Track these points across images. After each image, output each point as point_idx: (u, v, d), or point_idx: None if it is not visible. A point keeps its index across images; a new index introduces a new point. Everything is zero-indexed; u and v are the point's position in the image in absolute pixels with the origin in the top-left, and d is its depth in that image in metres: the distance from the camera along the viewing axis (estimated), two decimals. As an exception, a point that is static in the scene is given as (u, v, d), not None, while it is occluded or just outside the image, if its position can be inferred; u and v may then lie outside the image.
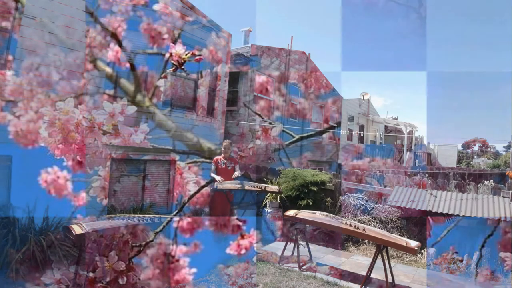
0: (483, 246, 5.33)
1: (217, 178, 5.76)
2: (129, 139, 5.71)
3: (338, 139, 14.39)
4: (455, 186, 6.44)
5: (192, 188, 6.70)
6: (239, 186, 5.77)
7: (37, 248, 4.14)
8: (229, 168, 6.08)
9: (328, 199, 7.28)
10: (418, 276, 5.16)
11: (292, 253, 5.46)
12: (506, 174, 13.16)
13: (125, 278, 3.05)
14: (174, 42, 6.34)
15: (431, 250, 5.69)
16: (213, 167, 6.08)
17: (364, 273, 4.78)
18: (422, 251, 5.79)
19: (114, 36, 5.63)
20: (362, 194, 7.02)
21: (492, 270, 5.12)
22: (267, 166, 8.71)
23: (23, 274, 3.91)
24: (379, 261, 4.47)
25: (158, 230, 3.37)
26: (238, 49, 9.48)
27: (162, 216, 4.14)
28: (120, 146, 5.68)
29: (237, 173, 5.99)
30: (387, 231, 5.69)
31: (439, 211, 5.69)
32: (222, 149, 6.19)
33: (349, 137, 15.71)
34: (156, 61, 6.29)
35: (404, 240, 4.52)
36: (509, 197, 5.70)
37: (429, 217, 5.92)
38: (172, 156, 6.66)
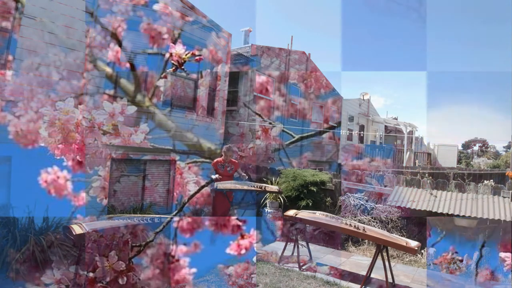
0: (483, 246, 5.33)
1: (215, 177, 5.69)
2: (129, 139, 5.71)
3: (338, 139, 14.38)
4: (455, 186, 6.43)
5: (192, 188, 6.69)
6: (239, 186, 5.76)
7: (37, 248, 4.14)
8: (229, 171, 6.06)
9: (328, 199, 7.27)
10: (418, 276, 5.16)
11: (292, 253, 5.46)
12: (506, 174, 13.14)
13: (125, 278, 3.05)
14: (174, 42, 6.34)
15: (431, 250, 5.69)
16: (212, 170, 6.07)
17: (364, 273, 4.78)
18: (422, 251, 5.79)
19: (114, 36, 5.63)
20: (362, 194, 7.02)
21: (492, 270, 5.12)
22: (267, 166, 8.71)
23: (23, 274, 3.91)
24: (379, 261, 4.47)
25: (158, 230, 3.37)
26: (238, 49, 9.48)
27: (162, 216, 4.14)
28: (120, 146, 5.68)
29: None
30: (387, 231, 5.69)
31: (439, 211, 5.68)
32: (223, 153, 6.13)
33: (349, 137, 15.70)
34: (156, 61, 6.29)
35: (404, 240, 4.52)
36: (509, 197, 5.69)
37: (428, 217, 5.91)
38: (172, 156, 6.65)
